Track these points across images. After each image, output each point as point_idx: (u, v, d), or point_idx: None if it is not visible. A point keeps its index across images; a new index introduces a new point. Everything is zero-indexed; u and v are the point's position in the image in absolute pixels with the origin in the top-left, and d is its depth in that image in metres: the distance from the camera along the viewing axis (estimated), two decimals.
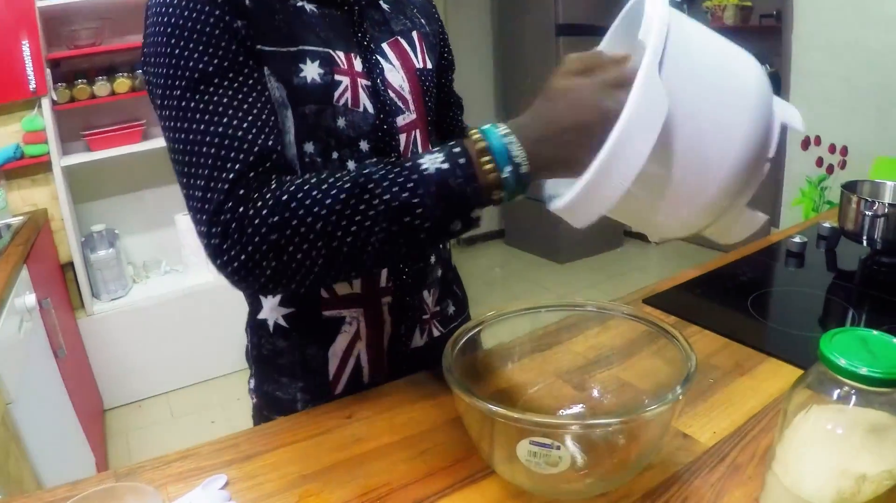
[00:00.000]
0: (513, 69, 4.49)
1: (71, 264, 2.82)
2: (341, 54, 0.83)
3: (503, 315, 0.82)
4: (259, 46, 0.76)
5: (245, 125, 0.72)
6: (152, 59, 0.73)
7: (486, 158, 0.67)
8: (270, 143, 0.73)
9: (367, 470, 0.74)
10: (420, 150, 0.93)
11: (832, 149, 3.15)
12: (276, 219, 0.67)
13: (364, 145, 0.85)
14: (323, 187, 0.68)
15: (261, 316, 0.94)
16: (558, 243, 4.40)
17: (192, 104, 0.71)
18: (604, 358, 0.84)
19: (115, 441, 2.73)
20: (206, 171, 0.70)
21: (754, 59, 0.68)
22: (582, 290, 3.99)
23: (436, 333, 1.01)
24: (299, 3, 0.82)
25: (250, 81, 0.74)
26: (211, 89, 0.72)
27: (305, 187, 0.68)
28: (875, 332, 0.57)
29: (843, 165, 3.12)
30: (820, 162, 3.20)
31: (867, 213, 1.26)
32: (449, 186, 0.67)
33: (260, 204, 0.68)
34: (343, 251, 0.68)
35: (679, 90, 0.62)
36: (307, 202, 0.67)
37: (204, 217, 0.70)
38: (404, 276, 0.93)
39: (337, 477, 0.73)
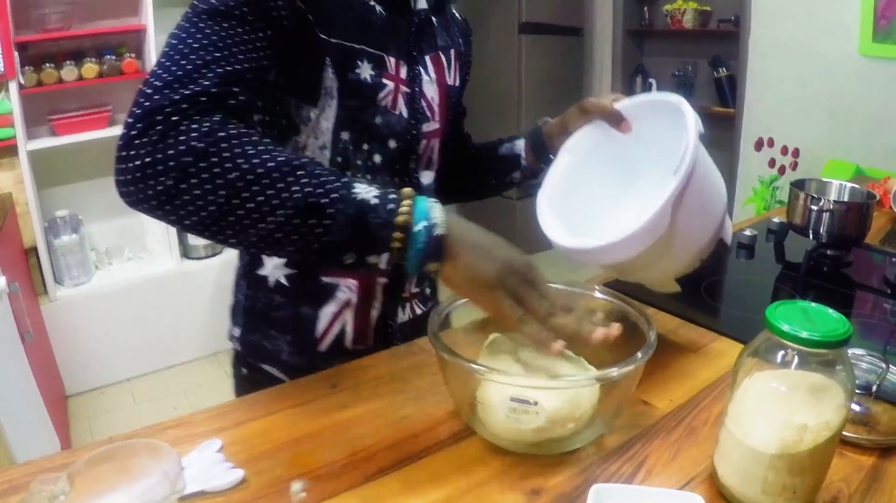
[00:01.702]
0: (476, 66, 4.52)
1: (34, 249, 2.79)
2: (392, 60, 0.89)
3: None
4: (323, 36, 0.81)
5: (232, 67, 0.72)
6: None
7: (408, 203, 0.70)
8: (241, 94, 0.73)
9: (353, 433, 0.79)
10: (434, 155, 1.01)
11: (784, 150, 3.26)
12: (200, 145, 0.67)
13: (392, 143, 0.93)
14: (259, 148, 0.69)
15: (261, 272, 0.98)
16: (517, 235, 4.45)
17: (201, 25, 0.73)
18: None
19: (77, 427, 2.72)
20: (171, 78, 0.69)
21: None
22: None
23: (418, 311, 1.07)
24: (371, 3, 0.87)
25: (263, 44, 0.76)
26: (225, 24, 0.73)
27: (244, 138, 0.69)
28: (814, 304, 0.64)
29: (794, 167, 3.23)
30: (772, 163, 3.30)
31: (813, 208, 1.35)
32: (366, 220, 0.69)
33: (195, 126, 0.67)
34: (237, 213, 0.68)
35: (688, 201, 0.80)
36: (237, 150, 0.67)
37: (139, 111, 0.68)
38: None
39: (326, 440, 0.78)
